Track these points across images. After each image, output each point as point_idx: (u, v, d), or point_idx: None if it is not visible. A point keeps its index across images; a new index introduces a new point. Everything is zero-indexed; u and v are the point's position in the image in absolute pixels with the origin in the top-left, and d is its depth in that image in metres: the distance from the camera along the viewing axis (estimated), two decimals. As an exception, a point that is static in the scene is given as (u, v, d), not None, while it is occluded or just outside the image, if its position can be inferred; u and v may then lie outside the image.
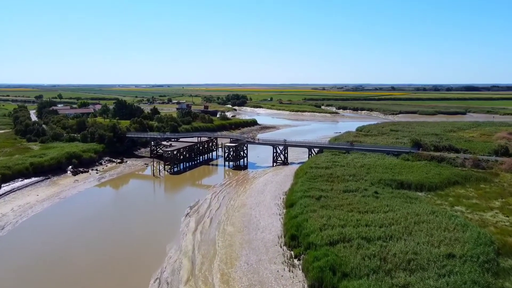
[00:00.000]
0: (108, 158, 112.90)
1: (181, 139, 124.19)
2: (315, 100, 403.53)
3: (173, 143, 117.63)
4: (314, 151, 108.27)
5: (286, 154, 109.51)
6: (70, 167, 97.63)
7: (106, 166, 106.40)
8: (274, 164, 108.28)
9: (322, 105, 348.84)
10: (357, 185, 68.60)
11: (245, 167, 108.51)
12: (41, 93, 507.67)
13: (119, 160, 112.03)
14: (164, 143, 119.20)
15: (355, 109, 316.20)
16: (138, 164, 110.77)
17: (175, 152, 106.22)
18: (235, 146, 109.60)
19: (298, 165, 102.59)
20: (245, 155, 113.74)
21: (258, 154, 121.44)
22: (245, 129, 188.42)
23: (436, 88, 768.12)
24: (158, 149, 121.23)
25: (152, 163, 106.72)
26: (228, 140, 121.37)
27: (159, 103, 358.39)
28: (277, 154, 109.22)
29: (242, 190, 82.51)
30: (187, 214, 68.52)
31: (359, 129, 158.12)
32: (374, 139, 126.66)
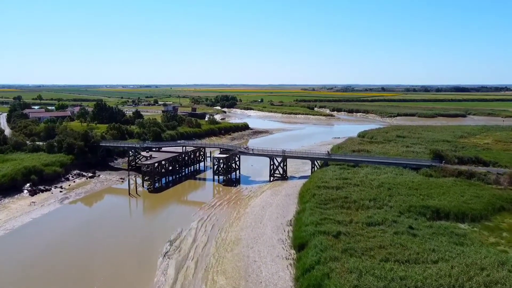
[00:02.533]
0: (78, 171, 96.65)
1: (163, 148, 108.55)
2: (306, 101, 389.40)
3: (154, 154, 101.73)
4: (317, 163, 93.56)
5: (285, 167, 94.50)
6: (28, 185, 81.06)
7: (74, 182, 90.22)
8: (271, 178, 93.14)
9: (315, 106, 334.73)
10: (382, 215, 54.08)
11: (237, 182, 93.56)
12: (22, 94, 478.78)
13: (90, 174, 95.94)
14: (144, 153, 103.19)
15: (350, 111, 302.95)
16: (113, 178, 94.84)
17: (155, 165, 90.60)
18: (225, 157, 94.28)
19: (300, 180, 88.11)
20: (237, 167, 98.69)
21: (252, 163, 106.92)
22: (236, 134, 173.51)
23: (426, 89, 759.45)
24: (137, 159, 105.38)
25: (129, 177, 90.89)
26: (218, 148, 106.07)
27: (144, 104, 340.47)
28: (275, 167, 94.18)
29: (235, 215, 67.40)
30: (166, 253, 53.28)
31: (362, 135, 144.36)
32: (382, 147, 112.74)
